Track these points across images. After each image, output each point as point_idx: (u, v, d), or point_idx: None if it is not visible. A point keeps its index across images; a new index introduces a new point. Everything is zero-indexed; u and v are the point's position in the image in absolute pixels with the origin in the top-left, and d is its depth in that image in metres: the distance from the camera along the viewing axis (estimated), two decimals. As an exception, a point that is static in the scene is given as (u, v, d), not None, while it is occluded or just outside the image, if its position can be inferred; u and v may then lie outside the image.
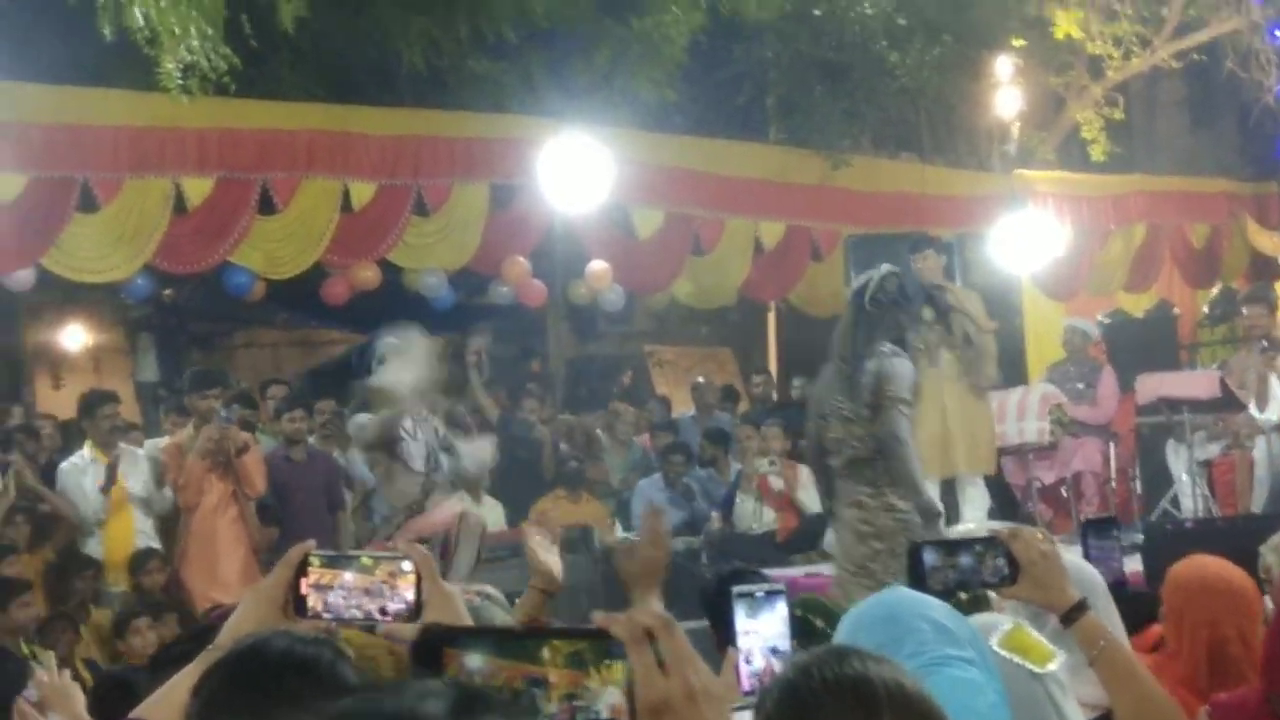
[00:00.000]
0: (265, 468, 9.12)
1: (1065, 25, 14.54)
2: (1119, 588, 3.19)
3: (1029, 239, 13.02)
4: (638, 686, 1.33)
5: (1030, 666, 2.28)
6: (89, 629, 7.96)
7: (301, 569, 2.17)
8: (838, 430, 6.65)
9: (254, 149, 10.78)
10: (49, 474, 9.01)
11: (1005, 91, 14.18)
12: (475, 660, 1.34)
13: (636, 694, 1.33)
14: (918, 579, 2.56)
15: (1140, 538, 8.17)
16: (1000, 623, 2.39)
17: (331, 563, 2.17)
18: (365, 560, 2.18)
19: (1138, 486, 11.57)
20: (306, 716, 1.91)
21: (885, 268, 6.90)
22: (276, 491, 9.25)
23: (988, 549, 2.63)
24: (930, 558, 2.61)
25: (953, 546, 2.66)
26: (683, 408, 13.74)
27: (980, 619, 2.42)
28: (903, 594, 2.24)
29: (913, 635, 2.09)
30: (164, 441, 9.33)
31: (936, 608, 2.15)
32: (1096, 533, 3.40)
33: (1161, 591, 3.92)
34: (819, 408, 6.86)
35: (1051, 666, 2.30)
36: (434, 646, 1.36)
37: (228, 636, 2.12)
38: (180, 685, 2.11)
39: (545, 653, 1.34)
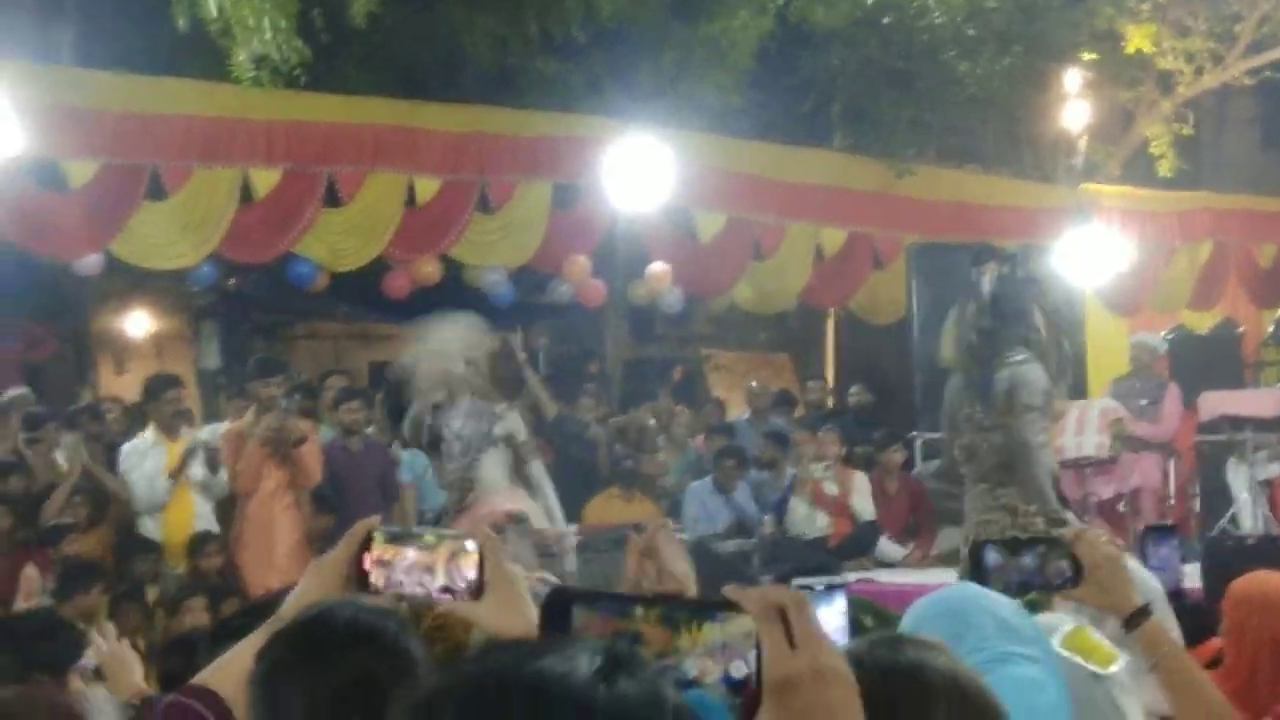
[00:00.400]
0: (323, 458, 9.18)
1: (1137, 40, 14.42)
2: (1178, 596, 3.15)
3: (1093, 253, 12.91)
4: (766, 662, 1.31)
5: (1093, 668, 2.26)
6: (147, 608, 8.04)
7: (365, 545, 2.19)
8: (968, 438, 6.60)
9: (321, 142, 10.86)
10: (112, 456, 9.11)
11: (1073, 104, 14.08)
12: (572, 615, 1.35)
13: (764, 670, 1.31)
14: (980, 578, 2.53)
15: (1199, 553, 8.08)
16: (1062, 623, 2.36)
17: (395, 539, 2.18)
18: (429, 538, 2.19)
19: (1196, 504, 11.44)
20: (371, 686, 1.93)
21: (991, 269, 6.85)
22: (332, 481, 9.30)
23: (1051, 550, 2.60)
24: (993, 557, 2.58)
25: (1016, 546, 2.63)
26: (739, 412, 13.71)
27: (1042, 619, 2.40)
28: (968, 589, 2.23)
29: (975, 631, 2.07)
30: (223, 427, 9.41)
31: (1002, 604, 2.14)
32: (1157, 540, 3.35)
33: (1222, 606, 3.87)
34: (950, 418, 6.80)
35: (1114, 668, 2.28)
36: (563, 607, 1.36)
37: (291, 608, 2.13)
38: (243, 652, 2.12)
39: (638, 610, 1.34)
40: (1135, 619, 2.60)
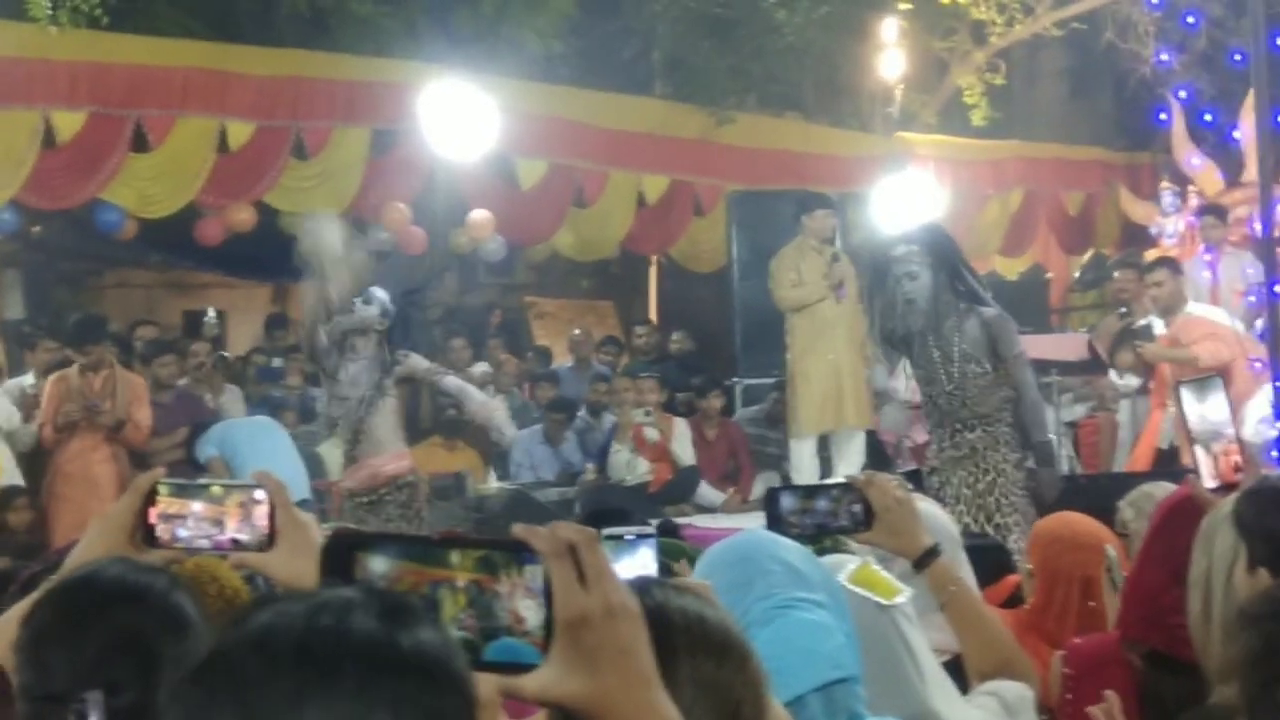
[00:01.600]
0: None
1: (952, -11, 14.68)
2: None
3: (909, 201, 13.12)
4: (557, 601, 1.30)
5: (878, 599, 2.31)
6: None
7: (150, 498, 2.12)
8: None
9: (127, 84, 10.55)
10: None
11: (890, 54, 14.27)
12: (380, 564, 1.31)
13: (555, 609, 1.30)
14: (774, 523, 2.56)
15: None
16: (849, 561, 2.41)
17: (180, 492, 2.12)
18: (215, 489, 2.14)
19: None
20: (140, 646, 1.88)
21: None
22: (145, 435, 9.12)
23: (844, 494, 2.64)
24: (787, 502, 2.61)
25: (810, 491, 2.67)
26: (563, 360, 13.71)
27: (830, 558, 2.44)
28: (758, 535, 2.24)
29: (764, 577, 2.09)
30: (28, 380, 9.12)
31: (790, 549, 2.16)
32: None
33: (1026, 545, 3.98)
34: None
35: (899, 600, 2.33)
36: (344, 552, 1.32)
37: (70, 566, 2.07)
38: (13, 617, 2.05)
39: (454, 557, 1.32)
40: (924, 560, 2.67)
